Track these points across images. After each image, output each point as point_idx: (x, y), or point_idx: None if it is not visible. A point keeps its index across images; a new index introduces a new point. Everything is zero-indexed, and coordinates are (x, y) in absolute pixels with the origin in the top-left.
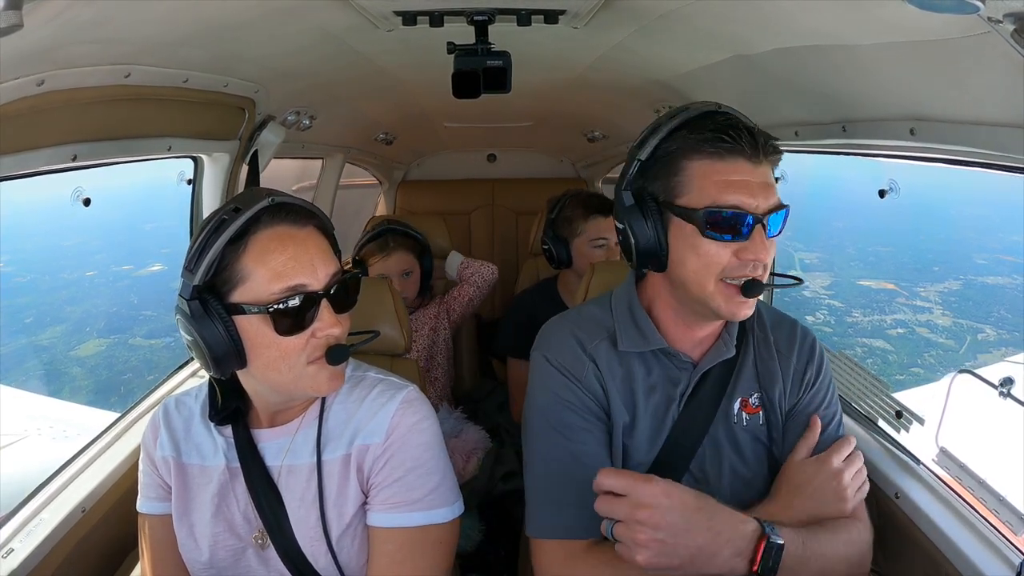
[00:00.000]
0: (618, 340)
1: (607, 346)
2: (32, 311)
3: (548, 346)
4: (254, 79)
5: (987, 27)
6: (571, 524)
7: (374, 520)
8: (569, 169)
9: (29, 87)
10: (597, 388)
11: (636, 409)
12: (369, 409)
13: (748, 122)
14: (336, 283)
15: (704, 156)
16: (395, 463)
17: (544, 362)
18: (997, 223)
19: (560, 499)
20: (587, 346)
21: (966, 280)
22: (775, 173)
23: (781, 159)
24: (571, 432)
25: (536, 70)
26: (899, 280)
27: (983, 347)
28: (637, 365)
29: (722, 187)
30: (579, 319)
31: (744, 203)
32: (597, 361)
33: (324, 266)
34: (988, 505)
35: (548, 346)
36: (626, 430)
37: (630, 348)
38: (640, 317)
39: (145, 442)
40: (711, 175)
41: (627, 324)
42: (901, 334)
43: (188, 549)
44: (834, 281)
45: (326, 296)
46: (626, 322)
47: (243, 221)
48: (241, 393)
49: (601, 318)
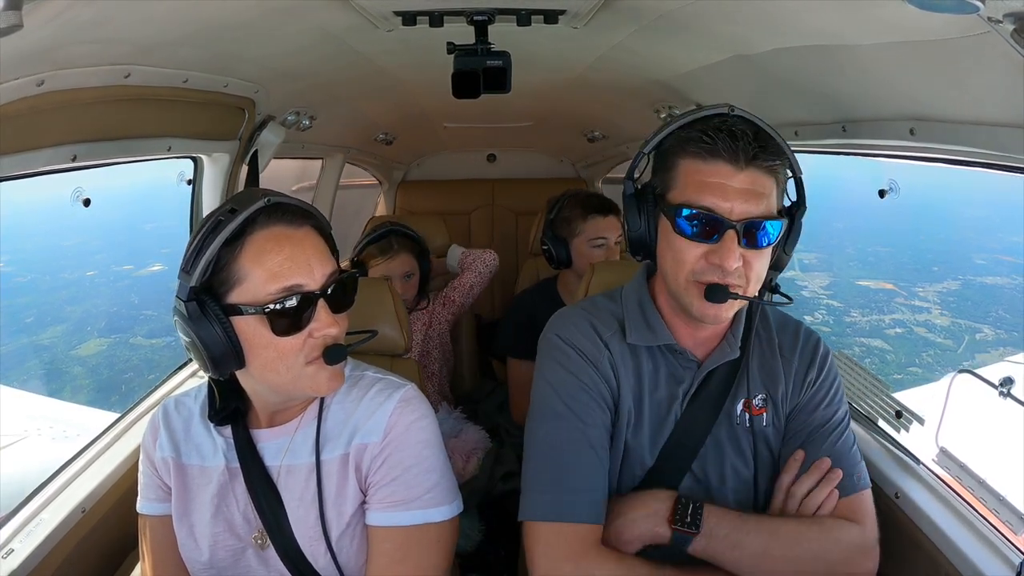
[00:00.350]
0: (627, 333)
1: (620, 337)
2: (33, 310)
3: (565, 328)
4: (254, 79)
5: (987, 27)
6: (574, 508)
7: (373, 519)
8: (569, 169)
9: (29, 87)
10: (611, 376)
11: (642, 404)
12: (367, 408)
13: (756, 127)
14: (333, 283)
15: (690, 155)
16: (393, 461)
17: (560, 342)
18: (997, 223)
19: (564, 481)
20: (603, 334)
21: (965, 280)
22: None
23: (783, 170)
24: (585, 413)
25: (536, 70)
26: (898, 280)
27: (981, 347)
28: (645, 360)
29: (699, 187)
30: (594, 308)
31: (717, 206)
32: (612, 350)
33: (321, 266)
34: (988, 505)
35: (565, 328)
36: (631, 426)
37: (638, 341)
38: (649, 312)
39: (145, 443)
40: (693, 174)
41: (637, 318)
42: (899, 334)
43: (188, 549)
44: (833, 281)
45: (323, 296)
46: (636, 316)
47: (239, 222)
48: (241, 393)
49: (613, 309)
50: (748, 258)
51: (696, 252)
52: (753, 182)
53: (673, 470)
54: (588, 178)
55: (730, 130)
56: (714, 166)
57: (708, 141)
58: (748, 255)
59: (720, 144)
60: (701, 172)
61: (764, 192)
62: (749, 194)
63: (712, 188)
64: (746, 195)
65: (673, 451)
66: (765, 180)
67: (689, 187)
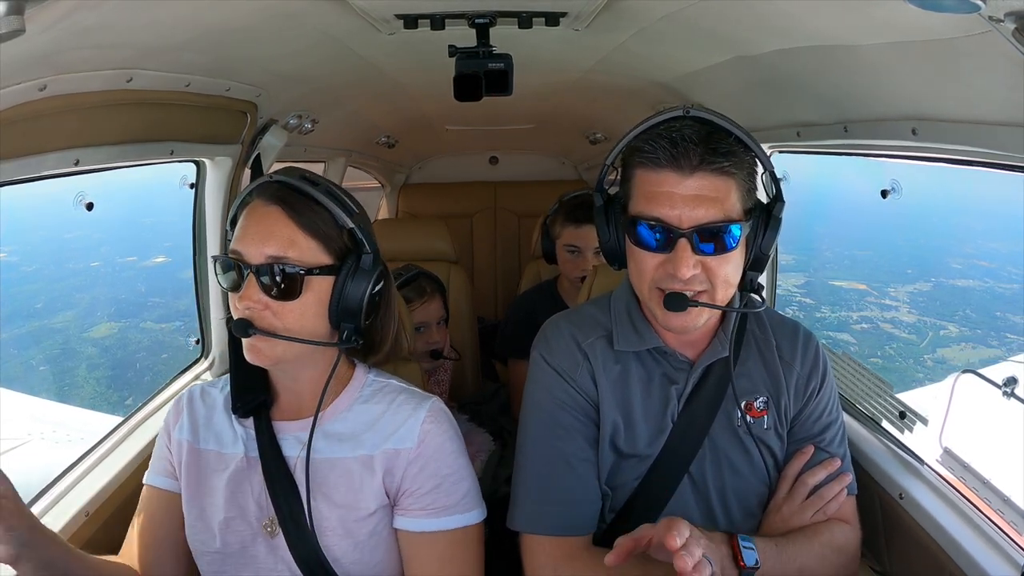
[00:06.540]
0: (615, 339)
1: (603, 344)
2: (42, 297)
3: (546, 345)
4: (256, 83)
5: (988, 26)
6: (562, 521)
7: (415, 525)
8: (571, 171)
9: (31, 92)
10: (590, 385)
11: (632, 410)
12: (395, 414)
13: (710, 129)
14: (269, 265)
15: (640, 166)
16: (431, 470)
17: (541, 361)
18: (978, 231)
19: (550, 496)
20: (582, 343)
21: (937, 282)
22: (755, 178)
23: (740, 171)
24: (565, 432)
25: (537, 72)
26: (871, 281)
27: (944, 342)
28: (635, 366)
29: (649, 198)
30: (577, 318)
31: (665, 216)
32: (591, 358)
33: (268, 246)
34: (992, 505)
35: (546, 345)
36: (619, 431)
37: (627, 347)
38: (636, 317)
39: (167, 420)
40: (643, 185)
41: (624, 324)
42: (865, 329)
43: (197, 531)
44: (808, 281)
45: (254, 272)
46: (623, 322)
47: (248, 189)
48: (267, 385)
49: (599, 318)
50: (709, 264)
51: (653, 262)
52: (703, 187)
53: (670, 472)
54: (590, 180)
55: (671, 137)
56: (661, 175)
57: (650, 150)
58: (708, 261)
59: (661, 153)
60: (650, 182)
61: (717, 196)
62: (699, 200)
63: (659, 198)
64: (695, 201)
65: (670, 453)
66: (718, 183)
67: (641, 198)
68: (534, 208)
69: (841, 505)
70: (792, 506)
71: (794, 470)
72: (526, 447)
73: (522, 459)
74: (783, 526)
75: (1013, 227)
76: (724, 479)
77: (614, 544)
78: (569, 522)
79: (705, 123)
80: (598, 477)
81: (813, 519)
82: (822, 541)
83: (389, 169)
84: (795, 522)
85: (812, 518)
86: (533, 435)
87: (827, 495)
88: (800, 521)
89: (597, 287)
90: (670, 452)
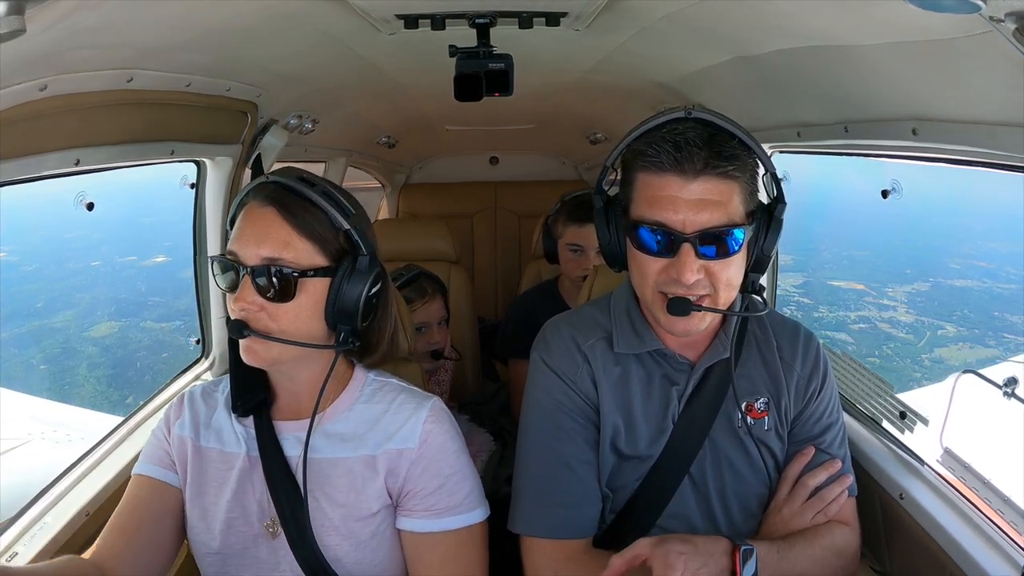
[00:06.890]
0: (615, 342)
1: (603, 346)
2: (42, 296)
3: (546, 347)
4: (256, 83)
5: (988, 26)
6: (563, 524)
7: (419, 526)
8: (571, 171)
9: (31, 92)
10: (590, 387)
11: (633, 412)
12: (397, 414)
13: (713, 131)
14: (264, 267)
15: (642, 169)
16: (435, 470)
17: (541, 363)
18: (978, 231)
19: (550, 499)
20: (582, 345)
21: (935, 282)
22: (758, 181)
23: (743, 174)
24: (565, 434)
25: (538, 72)
26: (870, 282)
27: (941, 342)
28: (635, 368)
29: (651, 202)
30: (577, 320)
31: (669, 220)
32: (591, 360)
33: (263, 248)
34: (993, 505)
35: (546, 347)
36: (620, 433)
37: (627, 349)
38: (637, 318)
39: (167, 414)
40: (646, 188)
41: (624, 326)
42: (863, 328)
43: (198, 532)
44: (806, 280)
45: (249, 274)
46: (623, 324)
47: (246, 190)
48: (266, 385)
49: (599, 319)
50: (712, 268)
51: (656, 266)
52: (706, 191)
53: (671, 473)
54: (590, 180)
55: (674, 140)
56: (664, 179)
57: (653, 154)
58: (711, 265)
59: (664, 157)
60: (653, 186)
61: (721, 200)
62: (703, 204)
63: (663, 202)
64: (699, 205)
65: (671, 454)
66: (721, 187)
67: (643, 202)
68: (534, 208)
69: (842, 507)
70: (793, 507)
71: (795, 471)
72: (526, 450)
73: (522, 462)
74: (783, 527)
75: (1012, 227)
76: (724, 480)
77: (608, 563)
78: (569, 524)
79: (707, 125)
80: (599, 479)
81: (814, 520)
82: (823, 544)
83: (389, 169)
84: (796, 524)
85: (813, 520)
86: (533, 438)
87: (828, 497)
88: (801, 523)
89: (598, 287)
90: (671, 453)
